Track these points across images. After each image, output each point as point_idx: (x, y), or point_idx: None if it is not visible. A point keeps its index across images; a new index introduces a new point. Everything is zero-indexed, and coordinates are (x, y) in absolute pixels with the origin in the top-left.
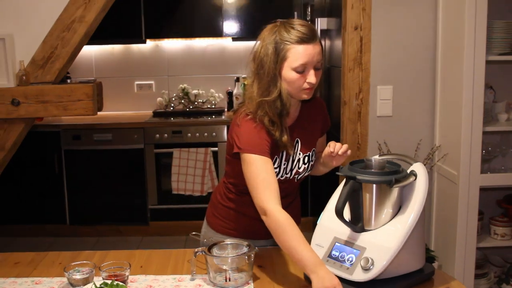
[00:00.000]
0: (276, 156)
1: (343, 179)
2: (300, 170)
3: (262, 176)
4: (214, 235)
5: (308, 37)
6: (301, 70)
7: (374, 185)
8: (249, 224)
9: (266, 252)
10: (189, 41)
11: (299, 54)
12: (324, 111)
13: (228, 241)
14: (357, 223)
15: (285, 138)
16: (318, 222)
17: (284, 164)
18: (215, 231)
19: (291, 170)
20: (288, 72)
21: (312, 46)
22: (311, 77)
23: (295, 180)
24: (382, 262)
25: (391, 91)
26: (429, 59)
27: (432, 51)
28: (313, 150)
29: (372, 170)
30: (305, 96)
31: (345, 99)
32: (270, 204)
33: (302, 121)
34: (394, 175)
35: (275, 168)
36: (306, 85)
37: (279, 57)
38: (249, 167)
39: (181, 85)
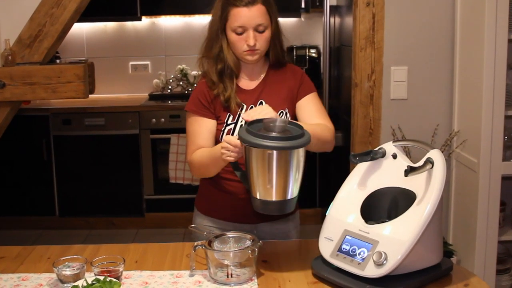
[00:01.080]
0: (228, 112)
1: (354, 167)
2: None
3: (190, 132)
4: (201, 220)
5: (248, 0)
6: (240, 32)
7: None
8: (231, 205)
9: (270, 246)
10: (188, 18)
11: (237, 15)
12: (298, 77)
13: (230, 234)
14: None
15: (226, 94)
16: (327, 214)
17: (242, 121)
18: (200, 213)
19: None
20: (229, 33)
21: (249, 9)
22: (250, 40)
23: None
24: (396, 256)
25: (405, 72)
26: (447, 38)
27: (450, 29)
28: (281, 112)
29: (273, 134)
30: (248, 58)
31: (356, 80)
32: (190, 157)
33: (270, 84)
34: (296, 140)
35: (230, 124)
36: (246, 47)
37: (222, 17)
38: (185, 123)
39: (179, 66)
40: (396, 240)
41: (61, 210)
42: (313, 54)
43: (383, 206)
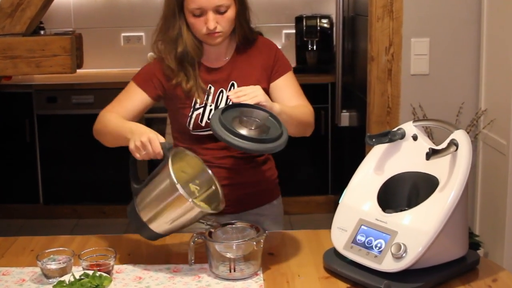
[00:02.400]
0: (195, 97)
1: (370, 149)
2: None
3: (123, 94)
4: None
5: None
6: (198, 14)
7: None
8: None
9: (278, 236)
10: None
11: None
12: (272, 54)
13: (233, 224)
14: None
15: (188, 85)
16: (340, 202)
17: (211, 106)
18: None
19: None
20: (187, 15)
21: None
22: (210, 22)
23: None
24: (416, 249)
25: (427, 45)
26: (473, 6)
27: None
28: None
29: (247, 131)
30: (210, 42)
31: (372, 54)
32: (105, 112)
33: (239, 63)
34: (270, 143)
35: (198, 108)
36: (205, 30)
37: None
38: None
39: None
40: (417, 231)
41: (45, 198)
42: (325, 25)
43: (402, 193)
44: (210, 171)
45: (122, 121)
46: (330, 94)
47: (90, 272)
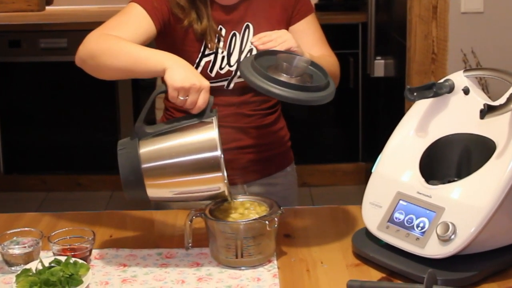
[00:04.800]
0: (204, 41)
1: (410, 106)
2: None
3: (120, 16)
4: None
5: None
6: None
7: None
8: None
9: (295, 214)
10: None
11: None
12: None
13: (240, 197)
14: None
15: (202, 26)
16: (373, 171)
17: (223, 53)
18: None
19: (239, 62)
20: None
21: None
22: None
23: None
24: (468, 229)
25: None
26: None
27: None
28: None
29: (287, 77)
30: None
31: None
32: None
33: (255, 1)
34: (317, 92)
35: (208, 55)
36: None
37: None
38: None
39: None
40: (469, 207)
41: (6, 166)
42: None
43: (450, 159)
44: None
45: (143, 46)
46: (360, 37)
47: (63, 259)
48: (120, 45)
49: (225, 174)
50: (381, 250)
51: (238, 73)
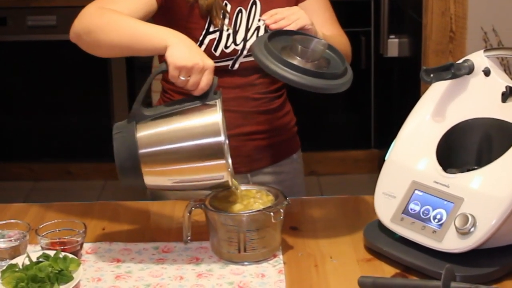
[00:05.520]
0: (208, 17)
1: (426, 88)
2: None
3: None
4: None
5: None
6: None
7: None
8: None
9: (302, 205)
10: None
11: None
12: None
13: (244, 186)
14: None
15: (208, 1)
16: (386, 158)
17: (228, 30)
18: None
19: (245, 40)
20: None
21: None
22: None
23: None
24: (489, 221)
25: None
26: None
27: None
28: None
29: (302, 61)
30: None
31: None
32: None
33: None
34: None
35: (212, 32)
36: None
37: None
38: None
39: None
40: (489, 197)
41: None
42: None
43: (469, 146)
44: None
45: (144, 22)
46: (373, 14)
47: (52, 253)
48: (119, 20)
49: (230, 161)
50: (395, 244)
51: (244, 53)
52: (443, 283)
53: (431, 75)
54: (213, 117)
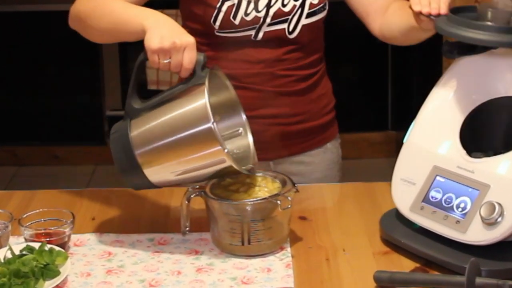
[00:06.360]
0: None
1: (449, 63)
2: (286, 10)
3: None
4: None
5: None
6: None
7: None
8: None
9: (312, 192)
10: None
11: None
12: None
13: (248, 172)
14: None
15: None
16: (405, 141)
17: None
18: None
19: (268, 6)
20: None
21: None
22: None
23: (287, 34)
24: None
25: None
26: None
27: None
28: None
29: (489, 23)
30: None
31: None
32: None
33: None
34: None
35: None
36: None
37: None
38: None
39: None
40: None
41: None
42: None
43: (496, 128)
44: (243, 114)
45: (130, 4)
46: None
47: (36, 245)
48: (105, 4)
49: (224, 144)
50: (414, 235)
51: (268, 20)
52: (467, 279)
53: (455, 51)
54: (199, 101)
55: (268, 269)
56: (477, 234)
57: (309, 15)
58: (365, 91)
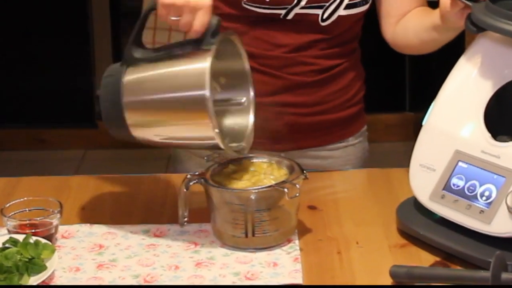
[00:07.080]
0: None
1: (472, 39)
2: None
3: None
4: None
5: None
6: None
7: None
8: None
9: (322, 180)
10: None
11: None
12: None
13: (251, 155)
14: None
15: None
16: (424, 124)
17: None
18: None
19: None
20: None
21: None
22: None
23: (319, 21)
24: None
25: None
26: None
27: None
28: None
29: None
30: None
31: None
32: None
33: None
34: None
35: None
36: None
37: None
38: None
39: None
40: None
41: None
42: None
43: None
44: (252, 90)
45: None
46: None
47: (21, 237)
48: None
49: (215, 120)
50: (434, 226)
51: (302, 3)
52: (492, 274)
53: (478, 24)
54: (201, 65)
55: (274, 264)
56: (503, 225)
57: (348, 6)
58: (380, 69)
